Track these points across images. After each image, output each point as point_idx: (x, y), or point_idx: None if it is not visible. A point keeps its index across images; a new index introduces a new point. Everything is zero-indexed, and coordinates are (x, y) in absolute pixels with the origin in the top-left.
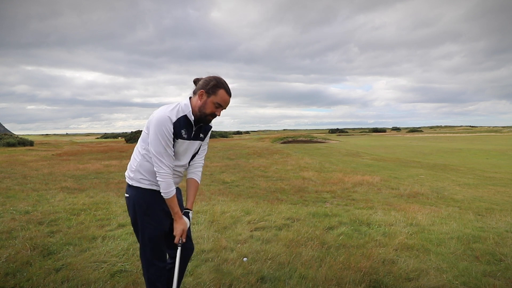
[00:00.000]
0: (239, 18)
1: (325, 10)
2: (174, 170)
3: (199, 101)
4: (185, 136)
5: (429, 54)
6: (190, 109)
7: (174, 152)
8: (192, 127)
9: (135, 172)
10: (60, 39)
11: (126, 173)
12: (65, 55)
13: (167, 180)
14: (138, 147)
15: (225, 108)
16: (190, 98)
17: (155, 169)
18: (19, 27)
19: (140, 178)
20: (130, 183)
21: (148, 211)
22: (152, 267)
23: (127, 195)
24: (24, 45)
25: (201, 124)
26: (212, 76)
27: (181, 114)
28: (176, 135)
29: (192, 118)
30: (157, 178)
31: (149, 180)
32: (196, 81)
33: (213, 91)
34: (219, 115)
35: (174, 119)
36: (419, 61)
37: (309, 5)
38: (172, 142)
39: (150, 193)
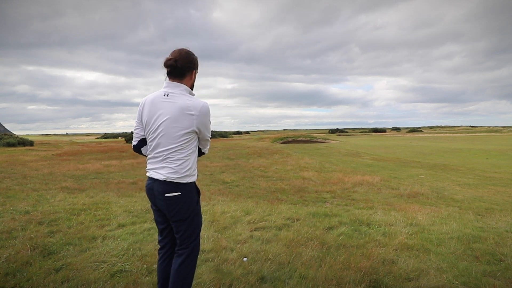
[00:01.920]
0: (241, 18)
1: (327, 10)
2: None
3: (191, 80)
4: None
5: (430, 54)
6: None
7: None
8: None
9: (189, 170)
10: (62, 39)
11: (167, 175)
12: (66, 55)
13: None
14: (175, 147)
15: None
16: (173, 81)
17: (207, 149)
18: (20, 27)
19: (193, 174)
20: (183, 182)
21: (199, 200)
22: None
23: (177, 194)
24: (25, 45)
25: None
26: (188, 52)
27: None
28: None
29: None
30: (206, 152)
31: (196, 173)
32: (172, 65)
33: (198, 65)
34: None
35: None
36: (419, 61)
37: (312, 5)
38: None
39: (195, 185)
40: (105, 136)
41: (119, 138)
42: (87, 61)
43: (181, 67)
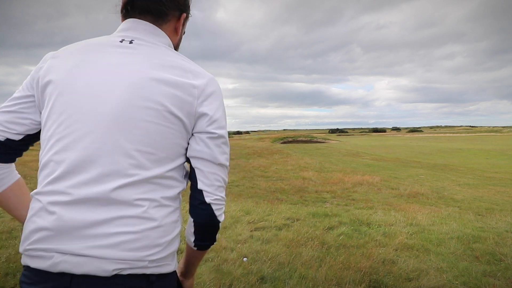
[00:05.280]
0: (244, 19)
1: (331, 10)
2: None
3: (176, 35)
4: None
5: (431, 54)
6: None
7: None
8: None
9: (176, 230)
10: (65, 39)
11: (124, 252)
12: None
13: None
14: (162, 169)
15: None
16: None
17: (222, 184)
18: (25, 27)
19: (174, 251)
20: (163, 271)
21: None
22: None
23: None
24: (28, 45)
25: None
26: None
27: None
28: None
29: None
30: (219, 207)
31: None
32: None
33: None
34: None
35: None
36: (421, 61)
37: (315, 6)
38: None
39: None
40: None
41: None
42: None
43: None
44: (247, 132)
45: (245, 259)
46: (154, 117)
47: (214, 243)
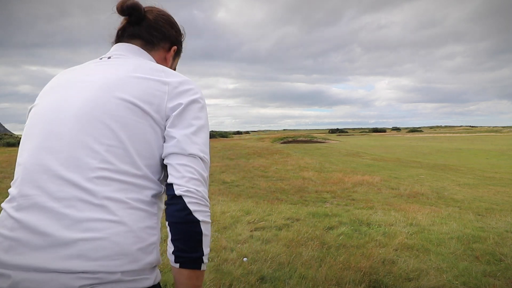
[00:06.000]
0: (245, 19)
1: (331, 10)
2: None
3: (165, 63)
4: None
5: (432, 54)
6: None
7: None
8: None
9: (155, 237)
10: (66, 39)
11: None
12: (69, 55)
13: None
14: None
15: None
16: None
17: (196, 176)
18: (26, 27)
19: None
20: (140, 287)
21: None
22: None
23: None
24: (29, 45)
25: None
26: (169, 14)
27: None
28: None
29: None
30: (194, 200)
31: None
32: (135, 8)
33: (181, 44)
34: None
35: None
36: (421, 61)
37: (317, 6)
38: None
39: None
40: None
41: None
42: (89, 60)
43: (154, 25)
44: (247, 132)
45: (245, 259)
46: (120, 110)
47: (202, 256)
